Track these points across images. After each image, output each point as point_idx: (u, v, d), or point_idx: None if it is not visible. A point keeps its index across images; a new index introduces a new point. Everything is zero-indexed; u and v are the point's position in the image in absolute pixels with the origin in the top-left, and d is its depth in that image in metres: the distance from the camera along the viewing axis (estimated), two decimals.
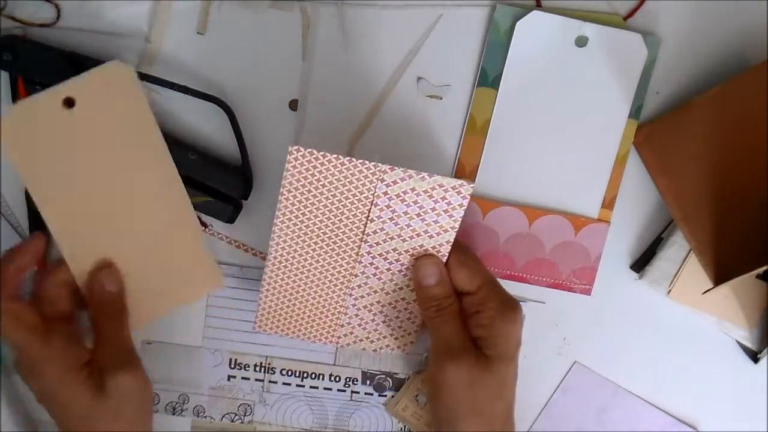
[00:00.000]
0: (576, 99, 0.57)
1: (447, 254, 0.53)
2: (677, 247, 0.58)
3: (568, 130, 0.57)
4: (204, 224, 0.57)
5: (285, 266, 0.53)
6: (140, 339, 0.58)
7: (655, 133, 0.57)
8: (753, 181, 0.55)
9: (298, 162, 0.49)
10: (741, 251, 0.55)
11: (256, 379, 0.60)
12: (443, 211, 0.51)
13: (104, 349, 0.50)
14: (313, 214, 0.51)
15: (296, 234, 0.52)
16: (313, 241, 0.52)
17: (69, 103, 0.49)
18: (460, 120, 0.58)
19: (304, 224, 0.51)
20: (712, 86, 0.55)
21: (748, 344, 0.60)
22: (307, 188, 0.50)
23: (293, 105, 0.57)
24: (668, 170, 0.57)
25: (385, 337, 0.56)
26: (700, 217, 0.56)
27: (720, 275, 0.55)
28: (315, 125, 0.57)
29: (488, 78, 0.57)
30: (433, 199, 0.50)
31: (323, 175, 0.49)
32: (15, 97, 0.54)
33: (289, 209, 0.50)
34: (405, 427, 0.61)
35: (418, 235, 0.52)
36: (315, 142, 0.57)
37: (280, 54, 0.56)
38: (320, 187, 0.50)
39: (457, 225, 0.51)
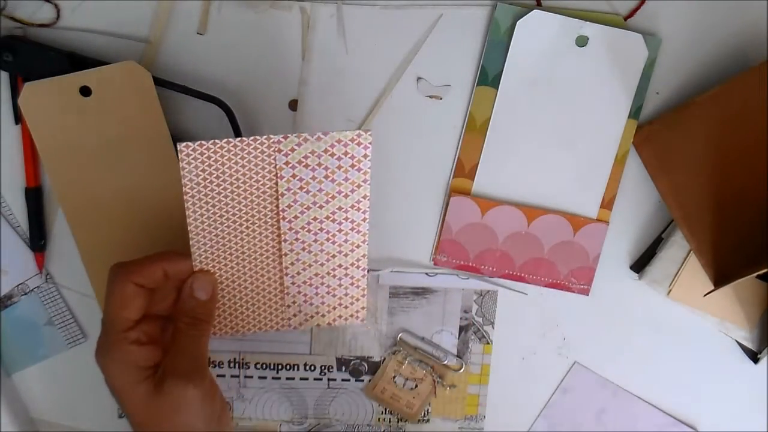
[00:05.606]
0: (576, 99, 0.57)
1: (367, 209, 0.51)
2: (677, 247, 0.58)
3: (567, 130, 0.57)
4: None
5: (213, 266, 0.51)
6: None
7: (655, 133, 0.57)
8: (753, 181, 0.55)
9: (192, 158, 0.47)
10: (741, 251, 0.55)
11: (232, 376, 0.60)
12: (350, 166, 0.49)
13: (173, 355, 0.49)
14: (225, 204, 0.49)
15: (214, 229, 0.50)
16: (233, 231, 0.50)
17: (85, 91, 0.53)
18: (459, 119, 0.58)
19: (219, 216, 0.49)
20: (712, 86, 0.55)
21: (748, 344, 0.60)
22: (209, 181, 0.48)
23: (293, 105, 0.57)
24: (668, 170, 0.57)
25: (335, 308, 0.55)
26: (700, 217, 0.56)
27: (720, 276, 0.55)
28: (315, 125, 0.57)
29: (488, 77, 0.57)
30: (336, 156, 0.49)
31: (221, 163, 0.48)
32: (15, 97, 0.54)
33: (198, 206, 0.49)
34: (386, 409, 0.61)
35: (333, 197, 0.50)
36: None
37: (280, 54, 0.57)
38: (222, 176, 0.48)
39: (368, 177, 0.50)
